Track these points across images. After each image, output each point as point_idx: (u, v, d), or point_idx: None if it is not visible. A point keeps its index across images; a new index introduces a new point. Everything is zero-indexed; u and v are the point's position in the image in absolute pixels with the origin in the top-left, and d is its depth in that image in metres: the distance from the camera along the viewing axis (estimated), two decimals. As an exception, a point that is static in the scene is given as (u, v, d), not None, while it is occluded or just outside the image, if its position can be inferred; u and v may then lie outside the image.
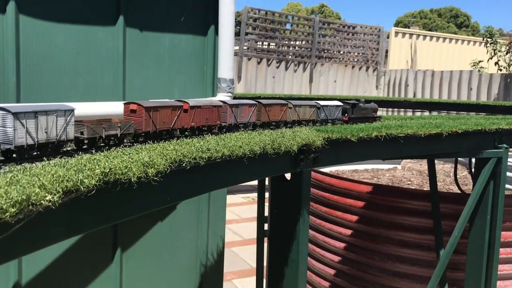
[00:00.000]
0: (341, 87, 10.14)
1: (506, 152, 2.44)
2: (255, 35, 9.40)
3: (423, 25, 47.08)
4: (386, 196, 3.02)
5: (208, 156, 1.11)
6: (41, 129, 0.97)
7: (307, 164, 1.62)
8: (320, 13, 51.08)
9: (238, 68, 9.06)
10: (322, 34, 10.12)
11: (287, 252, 1.71)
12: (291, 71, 9.64)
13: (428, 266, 2.82)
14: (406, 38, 11.18)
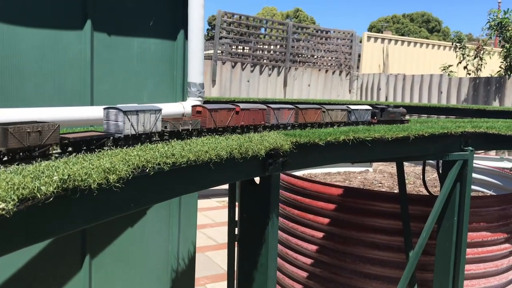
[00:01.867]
0: (315, 91, 10.22)
1: (472, 154, 2.50)
2: (230, 39, 9.40)
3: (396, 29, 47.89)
4: (357, 198, 3.06)
5: (173, 161, 1.11)
6: (140, 123, 1.30)
7: (275, 168, 1.62)
8: (295, 17, 51.44)
9: (213, 72, 9.05)
10: (296, 39, 10.19)
11: (257, 256, 1.72)
12: (265, 75, 9.68)
13: (398, 267, 2.86)
14: (378, 43, 11.36)
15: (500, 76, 8.40)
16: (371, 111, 2.45)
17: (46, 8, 1.92)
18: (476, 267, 2.97)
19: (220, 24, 9.13)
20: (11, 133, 0.98)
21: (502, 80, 7.62)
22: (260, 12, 50.57)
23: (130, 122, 1.26)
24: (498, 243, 3.03)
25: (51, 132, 1.06)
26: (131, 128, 1.26)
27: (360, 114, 2.40)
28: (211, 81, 9.08)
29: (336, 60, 10.57)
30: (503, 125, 2.63)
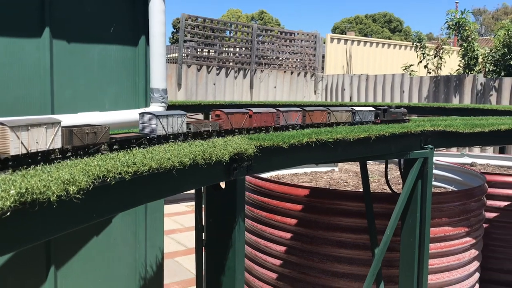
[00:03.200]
0: (281, 93, 10.30)
1: (432, 152, 2.58)
2: (195, 42, 9.37)
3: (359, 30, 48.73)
4: (323, 198, 3.10)
5: (134, 170, 1.11)
6: (170, 126, 1.52)
7: (240, 172, 1.64)
8: (260, 19, 51.63)
9: (178, 75, 9.00)
10: (260, 41, 10.24)
11: (224, 260, 1.73)
12: (231, 77, 9.68)
13: (365, 264, 2.92)
14: (341, 44, 11.54)
15: (459, 74, 8.67)
16: (374, 112, 2.63)
17: (2, 17, 1.88)
18: (440, 261, 3.06)
19: (184, 28, 9.09)
20: (75, 134, 1.22)
21: (461, 78, 7.87)
22: (225, 14, 50.51)
23: (162, 125, 1.49)
24: (459, 237, 3.13)
25: (103, 133, 1.30)
26: (162, 130, 1.50)
27: (364, 115, 2.57)
28: (177, 85, 9.02)
29: (301, 61, 10.67)
30: (460, 123, 2.73)
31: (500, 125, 2.74)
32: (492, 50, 8.54)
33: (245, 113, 1.90)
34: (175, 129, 1.55)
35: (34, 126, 1.09)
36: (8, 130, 1.03)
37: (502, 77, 7.59)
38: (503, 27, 8.37)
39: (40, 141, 1.11)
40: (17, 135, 1.04)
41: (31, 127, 1.08)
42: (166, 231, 5.75)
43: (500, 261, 4.04)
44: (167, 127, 1.51)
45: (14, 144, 1.03)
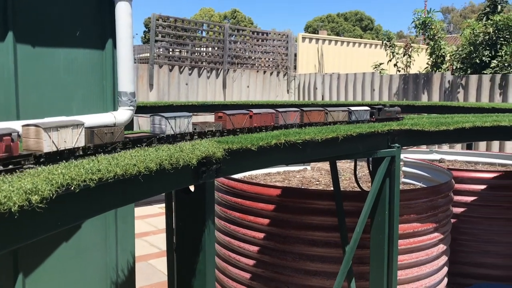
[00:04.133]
0: (254, 92, 10.32)
1: (399, 151, 2.64)
2: (166, 42, 9.31)
3: (331, 28, 49.14)
4: (294, 198, 3.14)
5: (99, 177, 1.11)
6: (177, 126, 1.68)
7: (209, 175, 1.65)
8: (232, 18, 51.53)
9: (150, 76, 8.92)
10: (233, 41, 10.25)
11: (194, 263, 1.73)
12: (204, 77, 9.65)
13: (337, 262, 2.96)
14: (313, 43, 11.63)
15: (428, 72, 8.86)
16: (369, 111, 2.76)
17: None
18: (409, 256, 3.13)
19: (155, 28, 9.02)
20: (96, 134, 1.37)
21: (429, 75, 8.04)
22: (197, 13, 50.22)
23: (170, 125, 1.65)
24: (428, 233, 3.20)
25: (119, 133, 1.46)
26: (171, 130, 1.65)
27: (359, 114, 2.71)
28: (148, 85, 8.94)
29: (273, 61, 10.72)
30: (426, 121, 2.79)
31: (464, 123, 2.82)
32: (459, 48, 8.75)
33: (245, 114, 2.06)
34: (182, 129, 1.72)
35: (63, 127, 1.26)
36: (42, 131, 1.19)
37: (469, 75, 7.79)
38: (469, 26, 8.59)
39: (67, 140, 1.28)
40: (49, 135, 1.21)
41: (60, 128, 1.25)
42: (139, 234, 5.71)
43: (468, 254, 4.16)
44: (175, 127, 1.68)
45: (47, 143, 1.19)
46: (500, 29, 8.00)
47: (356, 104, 5.87)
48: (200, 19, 45.67)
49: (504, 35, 8.00)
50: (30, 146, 1.20)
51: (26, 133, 1.21)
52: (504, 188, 4.13)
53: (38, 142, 1.19)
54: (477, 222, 4.11)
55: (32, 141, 1.20)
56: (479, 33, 8.19)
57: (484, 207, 4.10)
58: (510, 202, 4.11)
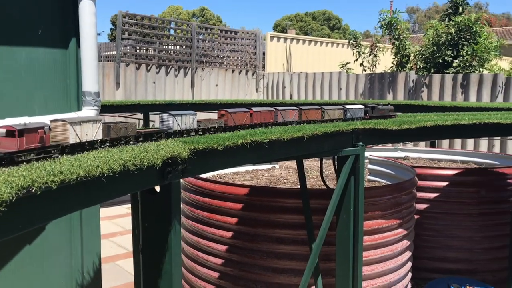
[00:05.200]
0: (222, 91, 10.30)
1: (363, 149, 2.69)
2: (133, 40, 9.19)
3: (300, 27, 49.51)
4: (262, 196, 3.16)
5: (61, 179, 1.10)
6: (184, 122, 1.85)
7: (175, 176, 1.64)
8: (201, 16, 51.25)
9: (116, 74, 8.79)
10: (201, 39, 10.20)
11: (161, 264, 1.73)
12: (172, 76, 9.58)
13: (304, 259, 3.00)
14: (281, 42, 11.70)
15: (393, 71, 9.04)
16: (363, 109, 2.93)
17: None
18: (374, 252, 3.20)
19: (122, 25, 8.89)
20: (112, 129, 1.54)
21: (394, 75, 8.21)
22: (165, 10, 49.72)
23: (177, 122, 1.82)
24: (392, 229, 3.28)
25: (132, 128, 1.63)
26: (178, 126, 1.83)
27: (354, 112, 2.87)
28: (115, 84, 8.81)
29: (242, 60, 10.73)
30: (389, 120, 2.86)
31: (426, 121, 2.90)
32: (423, 48, 8.97)
33: (246, 112, 2.22)
34: (188, 125, 1.89)
35: (85, 122, 1.44)
36: (68, 125, 1.37)
37: (432, 74, 7.99)
38: (432, 27, 8.82)
39: (88, 134, 1.46)
40: (74, 128, 1.39)
41: (82, 123, 1.43)
42: (106, 235, 5.63)
43: (431, 249, 4.28)
44: (181, 123, 1.85)
45: (72, 136, 1.38)
46: (461, 29, 8.24)
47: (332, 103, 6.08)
48: (168, 16, 45.23)
49: (465, 35, 8.25)
50: (58, 138, 1.39)
51: (54, 126, 1.40)
52: (465, 185, 4.27)
53: (65, 135, 1.38)
54: (440, 218, 4.24)
55: (60, 134, 1.39)
56: (441, 33, 8.42)
57: (446, 203, 4.23)
58: (471, 198, 4.25)
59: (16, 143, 1.23)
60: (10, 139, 1.24)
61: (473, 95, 7.26)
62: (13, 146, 1.22)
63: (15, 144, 1.22)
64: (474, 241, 4.23)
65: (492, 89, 7.09)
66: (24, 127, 1.26)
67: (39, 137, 1.29)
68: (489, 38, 8.35)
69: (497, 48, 8.55)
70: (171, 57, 9.62)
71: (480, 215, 4.23)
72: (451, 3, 8.87)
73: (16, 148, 1.22)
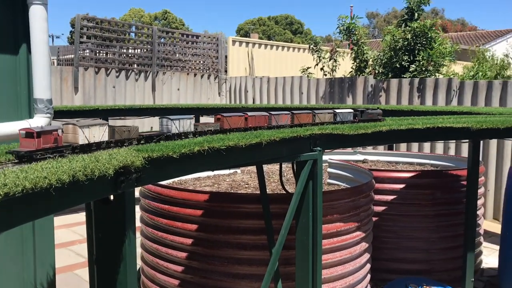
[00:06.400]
0: (185, 95, 10.23)
1: (321, 154, 2.72)
2: (92, 44, 9.00)
3: (262, 31, 49.76)
4: (222, 202, 3.16)
5: (5, 192, 1.06)
6: (181, 126, 2.02)
7: (128, 185, 1.62)
8: (163, 19, 50.76)
9: (74, 78, 8.59)
10: (162, 43, 10.10)
11: (115, 274, 1.70)
12: (132, 80, 9.44)
13: (265, 264, 3.01)
14: (243, 46, 11.72)
15: (352, 76, 9.21)
16: (353, 113, 3.08)
17: None
18: (333, 255, 3.24)
19: (80, 29, 8.70)
20: (116, 131, 1.73)
21: (353, 79, 8.37)
22: (127, 13, 48.96)
23: (175, 126, 1.99)
24: (350, 232, 3.34)
25: (134, 131, 1.82)
26: (176, 129, 2.00)
27: (344, 115, 3.02)
28: (73, 88, 8.61)
29: (204, 64, 10.69)
30: (346, 126, 2.91)
31: (381, 126, 2.96)
32: (381, 53, 9.18)
33: (241, 116, 2.39)
34: (185, 128, 2.05)
35: (92, 126, 1.62)
36: (78, 128, 1.56)
37: (390, 79, 8.18)
38: (389, 32, 9.04)
39: (96, 136, 1.63)
40: (83, 131, 1.58)
41: (90, 126, 1.61)
42: (64, 243, 5.48)
43: (390, 250, 4.38)
44: (179, 127, 2.01)
45: (81, 137, 1.57)
46: (417, 35, 8.48)
47: (301, 108, 6.25)
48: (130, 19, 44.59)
49: (421, 41, 8.49)
50: (69, 139, 1.58)
51: (66, 129, 1.59)
52: (421, 187, 4.39)
53: (75, 137, 1.57)
54: (397, 220, 4.34)
55: (70, 136, 1.59)
56: (398, 39, 8.64)
57: (403, 205, 4.34)
58: (427, 200, 4.38)
59: (35, 143, 1.43)
60: (29, 139, 1.44)
61: (429, 99, 7.48)
62: (32, 146, 1.43)
63: (33, 144, 1.43)
64: (431, 242, 4.36)
65: (447, 93, 7.33)
66: (41, 130, 1.45)
67: (54, 138, 1.49)
68: (443, 43, 8.63)
69: (451, 53, 8.85)
70: (132, 61, 9.48)
71: (436, 216, 4.36)
72: (407, 9, 9.11)
73: (35, 147, 1.42)
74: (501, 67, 11.14)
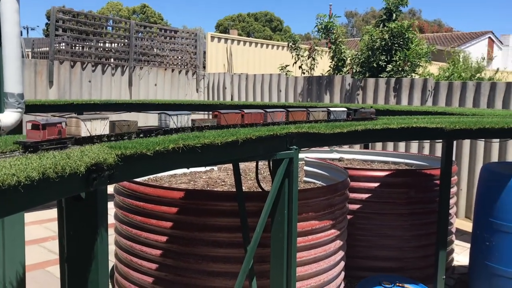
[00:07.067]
0: (162, 90, 10.14)
1: (297, 152, 2.73)
2: (68, 37, 8.84)
3: (242, 28, 49.71)
4: (197, 200, 3.14)
5: (-30, 189, 1.03)
6: (179, 121, 2.11)
7: (101, 182, 1.59)
8: (142, 13, 50.22)
9: (49, 72, 8.43)
10: (139, 38, 9.99)
11: (87, 273, 1.68)
12: (108, 74, 9.31)
13: (239, 262, 3.00)
14: (222, 43, 11.67)
15: (330, 74, 9.27)
16: (346, 111, 3.15)
17: None
18: (308, 253, 3.26)
19: (56, 21, 8.53)
20: (117, 125, 1.83)
21: (331, 78, 8.42)
22: (105, 6, 48.27)
23: (173, 121, 2.08)
24: (325, 230, 3.36)
25: (134, 125, 1.92)
26: (174, 124, 2.10)
27: (337, 114, 3.09)
28: (48, 82, 8.44)
29: (182, 59, 10.61)
30: (322, 125, 2.93)
31: (357, 126, 2.99)
32: (359, 52, 9.26)
33: (238, 113, 2.48)
34: (183, 124, 2.15)
35: (94, 120, 1.72)
36: (81, 121, 1.67)
37: (367, 78, 8.27)
38: (367, 32, 9.12)
39: (97, 129, 1.74)
40: (85, 124, 1.69)
41: (92, 120, 1.71)
42: (37, 240, 5.38)
43: (364, 248, 4.43)
44: (177, 122, 2.10)
45: (83, 130, 1.69)
46: (394, 35, 8.58)
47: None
48: (107, 13, 43.95)
49: (398, 41, 8.60)
50: (72, 132, 1.69)
51: (69, 122, 1.68)
52: (396, 185, 4.45)
53: (78, 129, 1.68)
54: (372, 218, 4.39)
55: (73, 128, 1.69)
56: (376, 38, 8.73)
57: (378, 203, 4.39)
58: (401, 198, 4.44)
59: (40, 134, 1.52)
60: (35, 131, 1.54)
61: (405, 98, 7.58)
62: (38, 137, 1.53)
63: (39, 135, 1.53)
64: (404, 240, 4.42)
65: (422, 93, 7.44)
66: (46, 122, 1.55)
67: (58, 130, 1.58)
68: (420, 44, 8.76)
69: (427, 54, 8.98)
70: (108, 55, 9.35)
71: (410, 214, 4.42)
72: (385, 9, 9.21)
73: (40, 138, 1.52)
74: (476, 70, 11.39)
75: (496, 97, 6.69)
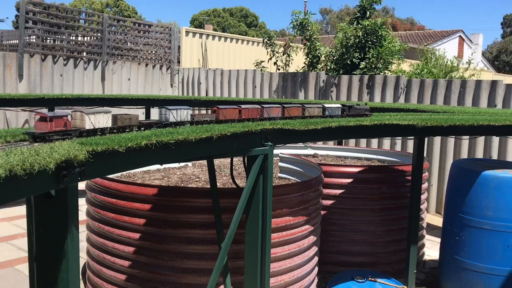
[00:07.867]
0: (135, 85, 10.00)
1: (271, 149, 2.74)
2: (38, 30, 8.62)
3: (217, 23, 49.44)
4: (171, 196, 3.12)
5: None
6: (179, 115, 2.24)
7: (71, 179, 1.56)
8: (115, 6, 49.43)
9: (19, 65, 8.21)
10: (113, 31, 9.83)
11: (57, 272, 1.64)
12: (81, 68, 9.13)
13: (214, 259, 3.00)
14: (196, 38, 11.58)
15: (304, 71, 9.31)
16: (341, 108, 3.24)
17: None
18: (282, 249, 3.27)
19: (26, 13, 8.31)
20: (119, 119, 1.94)
21: (306, 74, 8.46)
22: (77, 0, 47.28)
23: (173, 115, 2.18)
24: (299, 226, 3.38)
25: (135, 119, 2.03)
26: (174, 118, 2.20)
27: (332, 110, 3.19)
28: (18, 76, 8.23)
29: (156, 54, 10.49)
30: (297, 121, 2.94)
31: (331, 122, 3.01)
32: (333, 49, 9.32)
33: (235, 108, 2.61)
34: (182, 118, 2.25)
35: (98, 113, 1.83)
36: (85, 115, 1.79)
37: (341, 75, 8.33)
38: (341, 29, 9.19)
39: (100, 122, 1.84)
40: (89, 117, 1.80)
41: (96, 113, 1.82)
42: (5, 237, 5.25)
43: (337, 243, 4.47)
44: (176, 116, 2.23)
45: (88, 123, 1.79)
46: (368, 33, 8.66)
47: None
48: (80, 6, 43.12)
49: (371, 39, 8.69)
50: (77, 125, 1.80)
51: (74, 115, 1.79)
52: (368, 181, 4.50)
53: (82, 122, 1.78)
54: (345, 213, 4.44)
55: (78, 121, 1.79)
56: (350, 36, 8.80)
57: (351, 199, 4.44)
58: (374, 194, 4.49)
59: (47, 126, 1.64)
60: (43, 123, 1.65)
61: (378, 95, 7.67)
62: (45, 128, 1.64)
63: (46, 126, 1.64)
64: (376, 235, 4.49)
65: (394, 90, 7.54)
66: (53, 115, 1.65)
67: (64, 123, 1.69)
68: (393, 42, 8.87)
69: (400, 52, 9.11)
70: (81, 49, 9.17)
71: (382, 210, 4.49)
72: (360, 7, 9.29)
73: (47, 130, 1.63)
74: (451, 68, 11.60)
75: (466, 95, 6.84)
